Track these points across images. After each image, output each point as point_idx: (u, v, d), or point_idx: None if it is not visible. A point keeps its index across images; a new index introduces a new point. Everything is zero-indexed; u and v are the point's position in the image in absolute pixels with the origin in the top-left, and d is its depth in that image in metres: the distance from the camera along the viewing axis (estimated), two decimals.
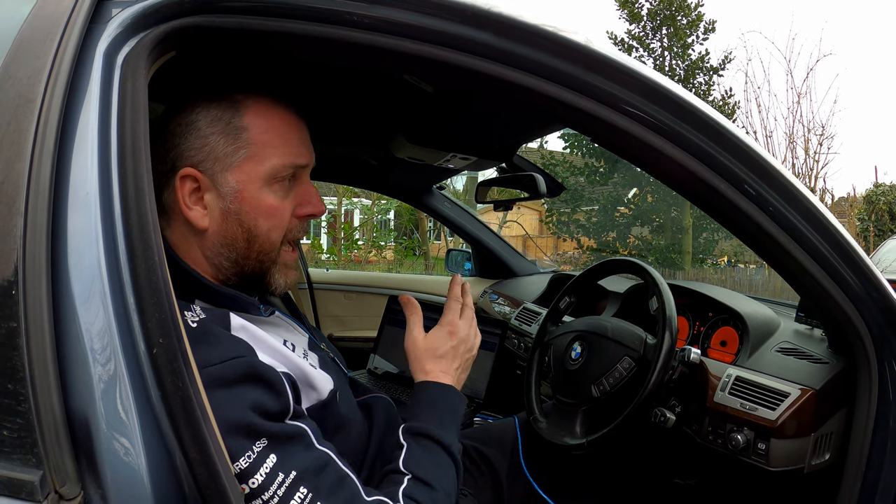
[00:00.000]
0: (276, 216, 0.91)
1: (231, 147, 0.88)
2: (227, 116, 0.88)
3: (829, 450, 1.13)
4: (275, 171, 0.89)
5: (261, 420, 0.75)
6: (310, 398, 0.90)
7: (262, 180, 0.89)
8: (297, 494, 0.74)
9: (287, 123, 0.92)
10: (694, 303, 1.64)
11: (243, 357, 0.78)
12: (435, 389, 1.02)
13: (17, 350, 0.54)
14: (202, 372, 0.70)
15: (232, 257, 0.90)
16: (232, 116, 0.88)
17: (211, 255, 0.90)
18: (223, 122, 0.88)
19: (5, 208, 0.57)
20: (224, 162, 0.88)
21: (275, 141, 0.90)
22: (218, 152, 0.87)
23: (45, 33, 0.64)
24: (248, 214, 0.89)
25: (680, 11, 13.72)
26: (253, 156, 0.88)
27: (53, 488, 0.53)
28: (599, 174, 13.34)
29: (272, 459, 0.74)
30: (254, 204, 0.89)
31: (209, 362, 0.74)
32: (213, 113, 0.88)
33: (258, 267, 0.92)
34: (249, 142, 0.88)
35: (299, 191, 0.95)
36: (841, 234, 0.95)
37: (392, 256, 14.99)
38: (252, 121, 0.89)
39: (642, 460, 1.53)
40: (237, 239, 0.90)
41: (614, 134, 0.87)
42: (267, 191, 0.90)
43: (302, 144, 0.94)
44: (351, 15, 0.75)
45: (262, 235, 0.90)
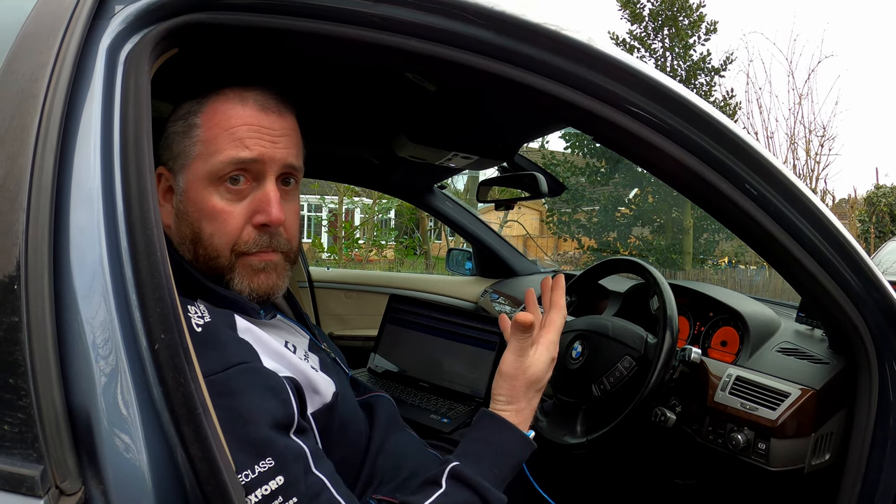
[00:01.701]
0: (219, 220, 0.85)
1: (185, 145, 0.86)
2: (186, 114, 0.87)
3: (830, 450, 1.13)
4: (215, 168, 0.84)
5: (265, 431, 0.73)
6: (314, 402, 0.88)
7: (205, 179, 0.84)
8: None
9: (240, 117, 0.85)
10: (695, 303, 1.64)
11: (247, 363, 0.77)
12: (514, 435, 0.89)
13: (18, 345, 0.54)
14: (207, 380, 0.68)
15: (188, 258, 0.87)
16: (190, 114, 0.86)
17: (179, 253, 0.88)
18: (182, 119, 0.87)
19: (8, 204, 0.57)
20: (180, 160, 0.86)
21: (220, 136, 0.84)
22: (175, 150, 0.87)
23: (48, 29, 0.64)
24: (192, 215, 0.86)
25: (682, 12, 13.70)
26: (201, 153, 0.85)
27: (54, 483, 0.53)
28: (600, 174, 13.34)
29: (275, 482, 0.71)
30: (198, 205, 0.85)
31: (213, 370, 0.73)
32: (179, 111, 0.87)
33: (211, 272, 0.87)
34: (199, 139, 0.85)
35: (257, 196, 0.86)
36: (842, 234, 0.95)
37: (393, 255, 14.99)
38: (205, 117, 0.86)
39: (643, 460, 1.53)
40: (186, 240, 0.87)
41: (616, 133, 0.87)
42: (211, 191, 0.85)
43: (253, 138, 0.85)
44: (355, 13, 0.76)
45: (205, 240, 0.85)
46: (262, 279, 0.88)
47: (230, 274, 0.87)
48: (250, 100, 0.87)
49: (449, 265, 3.01)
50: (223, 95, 0.87)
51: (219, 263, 0.86)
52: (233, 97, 0.86)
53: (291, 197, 0.92)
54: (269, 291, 0.89)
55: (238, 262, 0.87)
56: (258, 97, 0.87)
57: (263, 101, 0.87)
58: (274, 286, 0.90)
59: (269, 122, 0.87)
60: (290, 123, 0.91)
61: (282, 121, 0.89)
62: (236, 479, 0.61)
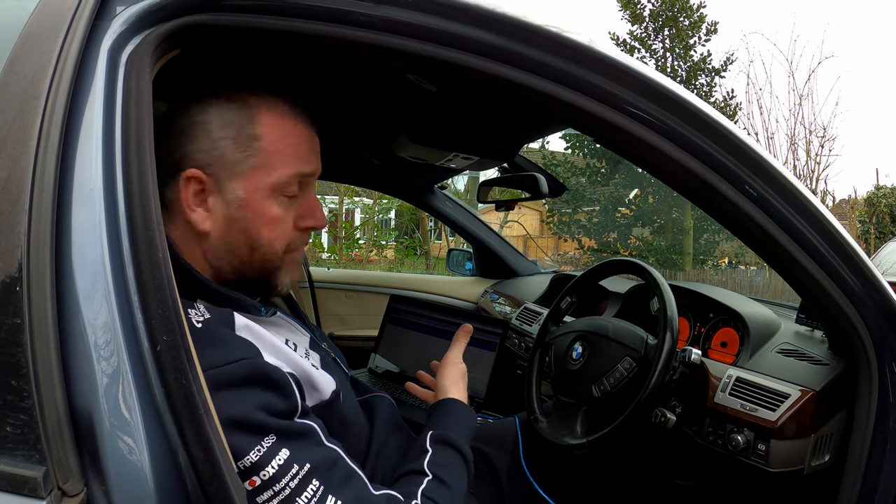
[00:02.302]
0: (279, 227, 0.90)
1: (241, 154, 0.87)
2: (239, 122, 0.87)
3: (829, 451, 1.13)
4: (282, 181, 0.89)
5: (269, 418, 0.75)
6: (313, 398, 0.90)
7: (268, 190, 0.88)
8: (310, 486, 0.75)
9: (299, 133, 0.91)
10: (695, 304, 1.64)
11: (249, 359, 0.78)
12: (461, 406, 1.09)
13: (20, 346, 0.54)
14: (208, 374, 0.71)
15: (234, 263, 0.90)
16: (245, 123, 0.87)
17: (212, 258, 0.90)
18: (235, 128, 0.87)
19: (10, 205, 0.57)
20: (232, 169, 0.87)
21: (285, 151, 0.89)
22: (227, 158, 0.86)
23: (49, 30, 0.64)
24: (252, 223, 0.88)
25: (682, 13, 13.69)
26: (262, 165, 0.87)
27: (56, 484, 0.53)
28: (601, 175, 13.32)
29: (285, 453, 0.74)
30: (259, 214, 0.88)
31: (213, 365, 0.74)
32: (226, 117, 0.87)
33: (262, 273, 0.92)
34: (260, 151, 0.87)
35: (303, 202, 0.94)
36: (842, 235, 0.95)
37: (393, 256, 14.98)
38: (265, 130, 0.88)
39: (642, 460, 1.53)
40: (240, 247, 0.89)
41: (616, 134, 0.87)
42: (272, 201, 0.89)
43: (311, 153, 0.93)
44: (356, 14, 0.76)
45: (265, 245, 0.90)
46: (295, 273, 0.98)
47: (278, 272, 0.94)
48: (301, 116, 0.92)
49: (449, 265, 3.01)
50: (273, 108, 0.89)
51: (273, 265, 0.92)
52: (286, 112, 0.90)
53: None
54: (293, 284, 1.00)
55: (285, 261, 0.94)
56: (302, 114, 0.93)
57: (307, 118, 0.94)
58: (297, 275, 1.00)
59: (315, 139, 0.95)
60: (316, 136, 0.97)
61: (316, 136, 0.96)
62: (238, 481, 0.62)
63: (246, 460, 0.72)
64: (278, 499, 0.73)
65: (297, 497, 0.74)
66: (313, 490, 0.75)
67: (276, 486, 0.73)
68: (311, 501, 0.75)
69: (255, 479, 0.72)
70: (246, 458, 0.72)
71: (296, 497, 0.74)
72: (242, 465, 0.72)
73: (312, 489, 0.75)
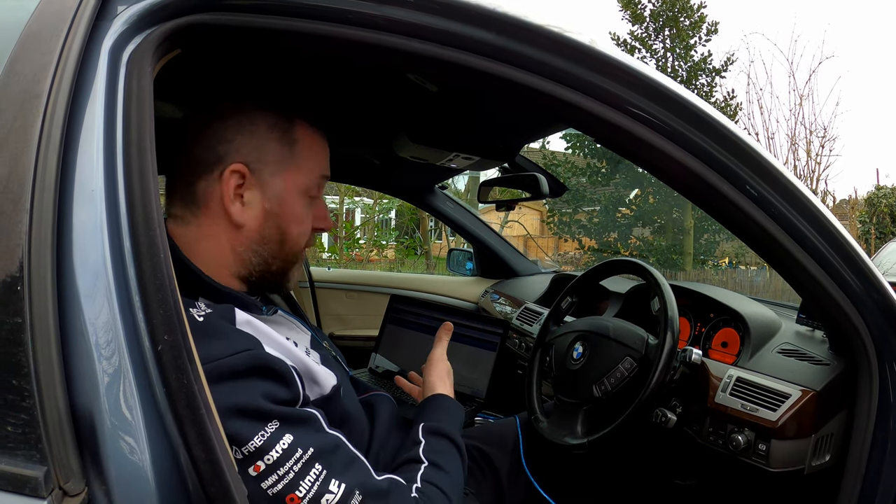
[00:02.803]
0: (304, 224, 0.98)
1: (282, 155, 0.93)
2: (283, 127, 0.94)
3: (830, 451, 1.13)
4: (310, 183, 0.97)
5: (272, 405, 0.76)
6: (313, 392, 0.90)
7: (300, 189, 0.96)
8: (313, 470, 0.76)
9: (321, 144, 1.00)
10: (695, 304, 1.64)
11: (251, 350, 0.78)
12: (449, 401, 1.13)
13: (21, 346, 0.54)
14: (211, 365, 0.72)
15: (263, 255, 0.95)
16: (288, 129, 0.94)
17: (242, 249, 0.93)
18: (280, 130, 0.93)
19: (11, 204, 0.57)
20: (275, 166, 0.93)
21: (315, 157, 0.98)
22: (270, 157, 0.92)
23: (51, 29, 0.64)
24: (285, 218, 0.95)
25: (682, 13, 13.68)
26: (297, 166, 0.95)
27: (57, 484, 0.53)
28: (601, 175, 13.31)
29: (288, 437, 0.75)
30: (291, 210, 0.95)
31: (218, 355, 0.74)
32: (271, 120, 0.93)
33: (283, 266, 0.97)
34: (298, 153, 0.95)
35: (317, 206, 1.01)
36: (842, 235, 0.95)
37: (393, 255, 14.97)
38: (301, 135, 0.95)
39: (643, 460, 1.53)
40: (272, 239, 0.94)
41: (617, 134, 0.87)
42: (301, 200, 0.96)
43: (327, 160, 1.02)
44: (358, 14, 0.76)
45: (292, 239, 0.96)
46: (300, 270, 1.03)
47: (292, 267, 1.00)
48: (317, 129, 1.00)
49: (450, 265, 3.02)
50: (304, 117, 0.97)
51: (296, 259, 0.99)
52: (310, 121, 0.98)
53: None
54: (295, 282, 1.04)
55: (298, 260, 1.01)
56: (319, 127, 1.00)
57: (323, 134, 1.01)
58: None
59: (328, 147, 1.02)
60: None
61: None
62: (239, 481, 0.62)
63: (250, 445, 0.73)
64: (283, 483, 0.74)
65: (300, 480, 0.75)
66: (316, 473, 0.76)
67: (279, 469, 0.74)
68: (315, 485, 0.75)
69: (260, 463, 0.73)
70: (250, 444, 0.73)
71: (299, 480, 0.75)
72: (247, 450, 0.73)
73: (315, 472, 0.76)
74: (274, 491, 0.73)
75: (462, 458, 1.02)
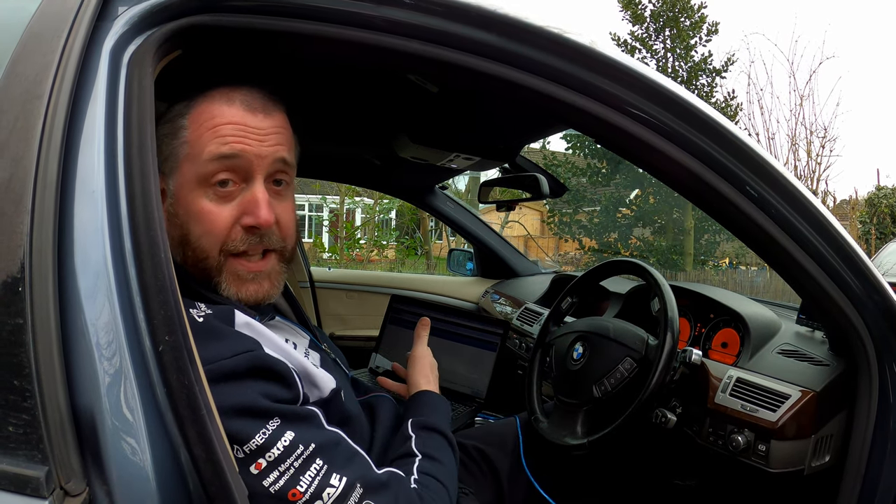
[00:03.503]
0: (206, 222, 0.84)
1: (173, 147, 0.86)
2: (174, 116, 0.86)
3: (829, 452, 1.13)
4: (202, 169, 0.84)
5: (273, 403, 0.76)
6: (312, 395, 0.90)
7: (194, 181, 0.84)
8: (314, 466, 0.76)
9: (224, 115, 0.84)
10: (695, 304, 1.64)
11: (252, 351, 0.78)
12: (434, 396, 1.14)
13: (23, 346, 0.55)
14: (212, 366, 0.72)
15: (178, 261, 0.86)
16: (178, 116, 0.86)
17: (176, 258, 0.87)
18: (170, 122, 0.86)
19: (12, 205, 0.57)
20: (170, 163, 0.86)
21: (205, 136, 0.84)
22: (165, 153, 0.86)
23: (52, 30, 0.64)
24: (182, 218, 0.85)
25: (683, 13, 13.68)
26: (188, 155, 0.85)
27: (59, 484, 0.53)
28: (601, 175, 13.31)
29: (290, 434, 0.75)
30: (186, 207, 0.85)
31: (218, 357, 0.74)
32: (168, 114, 0.87)
33: (201, 274, 0.87)
34: (185, 140, 0.85)
35: (246, 197, 0.86)
36: (842, 236, 0.95)
37: (394, 256, 14.98)
38: (191, 118, 0.85)
39: (643, 461, 1.53)
40: (176, 243, 0.86)
41: (617, 135, 0.87)
42: (199, 193, 0.84)
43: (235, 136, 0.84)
44: (358, 15, 0.76)
45: (193, 242, 0.85)
46: (250, 289, 0.88)
47: (218, 277, 0.87)
48: (236, 100, 0.86)
49: (450, 266, 3.02)
50: (210, 97, 0.86)
51: (207, 265, 0.86)
52: (219, 98, 0.86)
53: (284, 195, 0.92)
54: (259, 300, 0.90)
55: (226, 265, 0.87)
56: (244, 97, 0.87)
57: (250, 101, 0.87)
58: (266, 294, 0.90)
59: (256, 122, 0.86)
60: (278, 121, 0.90)
61: (269, 119, 0.88)
62: (240, 480, 0.62)
63: (252, 443, 0.73)
64: (284, 479, 0.74)
65: (301, 476, 0.75)
66: (317, 468, 0.76)
67: (281, 466, 0.74)
68: (316, 479, 0.75)
69: (262, 461, 0.73)
70: (252, 442, 0.73)
71: (300, 476, 0.75)
72: (248, 448, 0.73)
73: (316, 468, 0.76)
74: (276, 488, 0.73)
75: (453, 450, 1.02)
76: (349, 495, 0.77)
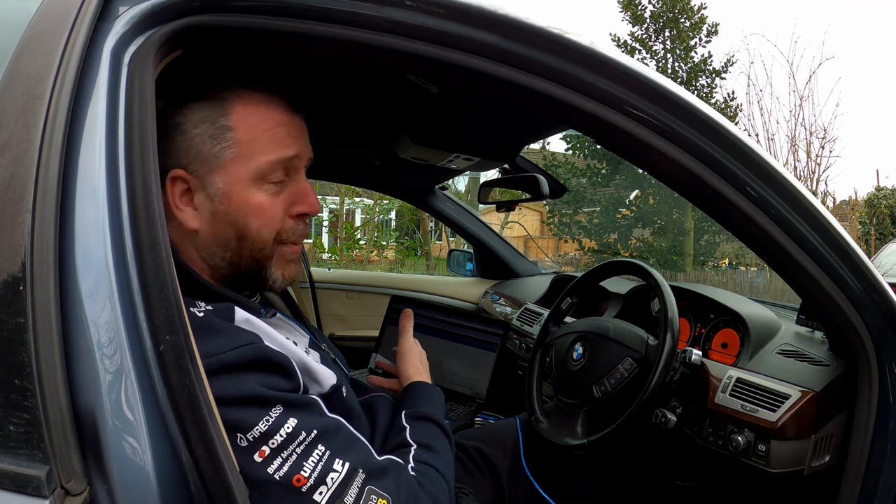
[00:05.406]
0: (265, 214, 0.90)
1: (217, 147, 0.87)
2: (213, 116, 0.87)
3: (829, 452, 1.13)
4: (262, 168, 0.88)
5: (275, 391, 0.77)
6: (312, 389, 0.90)
7: (249, 179, 0.88)
8: (316, 451, 0.76)
9: (275, 118, 0.90)
10: (695, 304, 1.64)
11: (253, 343, 0.79)
12: (426, 386, 1.14)
13: (24, 346, 0.55)
14: (213, 359, 0.72)
15: (227, 257, 0.91)
16: (218, 116, 0.87)
17: (205, 255, 0.91)
18: (209, 122, 0.87)
19: (14, 205, 0.57)
20: (211, 163, 0.87)
21: (262, 138, 0.88)
22: (204, 153, 0.87)
23: (53, 30, 0.65)
24: (237, 215, 0.88)
25: (683, 14, 13.70)
26: (239, 155, 0.87)
27: (60, 483, 0.53)
28: (601, 176, 13.32)
29: (293, 420, 0.76)
30: (242, 204, 0.88)
31: (219, 350, 0.74)
32: (199, 113, 0.87)
33: (253, 264, 0.92)
34: (235, 141, 0.87)
35: (293, 189, 0.93)
36: (842, 236, 0.95)
37: (394, 256, 14.99)
38: (238, 120, 0.88)
39: (643, 461, 1.53)
40: (229, 239, 0.90)
41: (617, 136, 0.87)
42: (255, 190, 0.89)
43: (290, 137, 0.92)
44: (360, 16, 0.76)
45: (253, 234, 0.90)
46: (291, 269, 0.97)
47: (268, 262, 0.93)
48: (277, 103, 0.91)
49: (450, 266, 3.02)
50: (247, 99, 0.89)
51: (263, 254, 0.92)
52: (260, 101, 0.90)
53: None
54: (295, 278, 0.99)
55: (277, 251, 0.94)
56: (281, 100, 0.92)
57: (287, 104, 0.92)
58: (298, 273, 1.00)
59: (297, 122, 0.93)
60: (304, 121, 0.97)
61: (301, 119, 0.95)
62: (240, 480, 0.62)
63: (255, 430, 0.73)
64: (288, 464, 0.74)
65: (304, 461, 0.75)
66: (320, 454, 0.76)
67: (284, 452, 0.74)
68: (319, 464, 0.76)
69: (265, 448, 0.73)
70: (255, 429, 0.73)
71: (303, 461, 0.75)
72: (252, 436, 0.73)
73: (319, 453, 0.76)
74: (280, 474, 0.73)
75: (449, 439, 1.02)
76: (352, 480, 0.78)
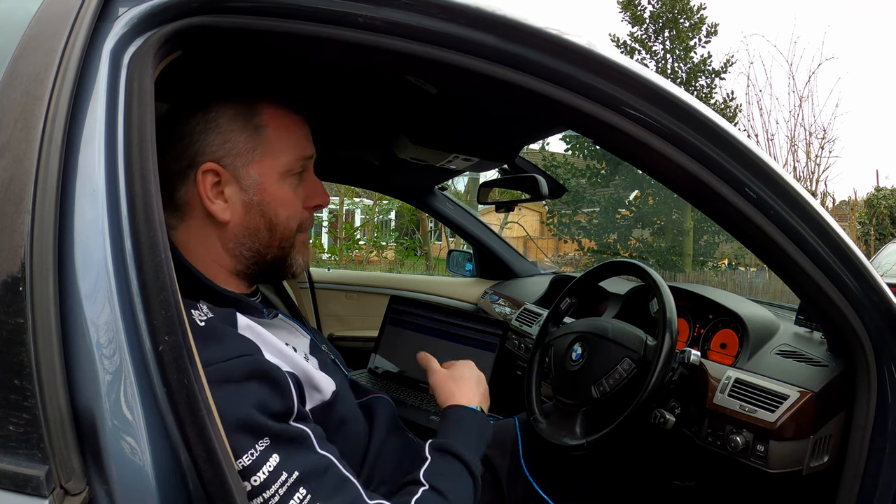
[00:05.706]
0: (292, 206, 0.97)
1: (251, 143, 0.93)
2: (245, 115, 0.93)
3: (828, 452, 1.13)
4: (289, 165, 0.96)
5: (264, 419, 0.76)
6: (313, 399, 0.91)
7: (279, 174, 0.95)
8: (297, 495, 0.75)
9: (295, 123, 0.99)
10: (694, 305, 1.64)
11: (250, 355, 0.79)
12: (462, 410, 1.09)
13: (23, 346, 0.55)
14: (209, 369, 0.72)
15: (255, 247, 0.95)
16: (251, 116, 0.93)
17: (233, 246, 0.94)
18: (242, 120, 0.92)
19: (13, 206, 0.57)
20: (245, 157, 0.92)
21: (289, 138, 0.96)
22: (239, 148, 0.92)
23: (52, 31, 0.65)
24: (269, 205, 0.94)
25: (682, 14, 13.71)
26: (270, 152, 0.94)
27: (59, 483, 0.54)
28: (601, 176, 13.32)
29: (275, 459, 0.75)
30: (273, 195, 0.95)
31: (216, 359, 0.75)
32: (231, 112, 0.92)
33: (280, 253, 0.98)
34: (267, 139, 0.94)
35: (307, 184, 1.01)
36: (841, 237, 0.95)
37: (393, 256, 14.99)
38: (269, 120, 0.94)
39: (642, 461, 1.53)
40: (260, 229, 0.95)
41: (616, 136, 0.87)
42: (283, 183, 0.96)
43: (306, 139, 1.00)
44: (357, 16, 0.76)
45: (282, 224, 0.96)
46: (306, 254, 1.04)
47: (292, 251, 1.00)
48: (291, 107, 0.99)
49: (449, 266, 3.02)
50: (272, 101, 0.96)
51: (289, 242, 0.99)
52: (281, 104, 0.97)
53: None
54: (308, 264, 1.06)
55: (297, 239, 1.00)
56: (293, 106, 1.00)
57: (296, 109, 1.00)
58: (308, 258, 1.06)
59: (307, 127, 1.02)
60: None
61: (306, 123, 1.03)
62: (239, 480, 0.62)
63: (238, 464, 0.72)
64: None
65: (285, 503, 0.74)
66: (300, 498, 0.75)
67: (265, 492, 0.73)
68: None
69: (247, 484, 0.73)
70: (239, 462, 0.73)
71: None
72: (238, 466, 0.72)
73: (300, 497, 0.75)
74: None
75: (473, 480, 0.96)
76: None
